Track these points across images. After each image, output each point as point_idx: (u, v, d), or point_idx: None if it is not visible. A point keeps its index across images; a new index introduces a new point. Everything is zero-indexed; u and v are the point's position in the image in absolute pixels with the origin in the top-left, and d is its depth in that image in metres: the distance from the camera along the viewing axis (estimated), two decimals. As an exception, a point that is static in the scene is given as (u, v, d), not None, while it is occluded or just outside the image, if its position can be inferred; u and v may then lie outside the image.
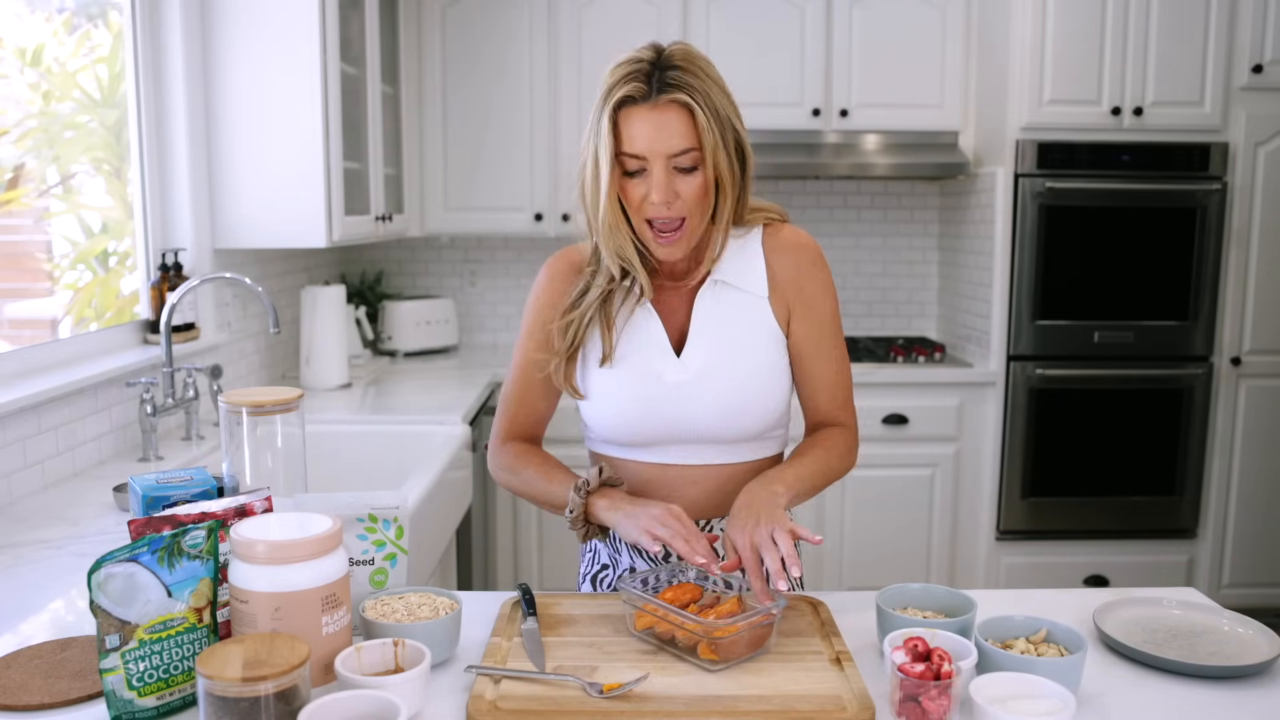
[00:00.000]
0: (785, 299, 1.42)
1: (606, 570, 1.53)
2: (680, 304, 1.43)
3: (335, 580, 1.07)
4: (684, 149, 1.30)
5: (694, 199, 1.32)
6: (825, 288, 1.43)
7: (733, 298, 1.41)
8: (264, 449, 1.44)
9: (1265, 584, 3.52)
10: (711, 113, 1.30)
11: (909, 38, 3.57)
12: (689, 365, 1.39)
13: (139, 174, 2.54)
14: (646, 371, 1.40)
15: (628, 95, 1.29)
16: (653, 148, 1.29)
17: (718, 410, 1.38)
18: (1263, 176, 3.35)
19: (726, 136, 1.33)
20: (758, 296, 1.41)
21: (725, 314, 1.41)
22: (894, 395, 3.42)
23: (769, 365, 1.41)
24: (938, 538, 3.50)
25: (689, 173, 1.32)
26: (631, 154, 1.30)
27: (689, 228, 1.34)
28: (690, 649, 1.16)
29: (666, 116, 1.29)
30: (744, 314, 1.41)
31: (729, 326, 1.40)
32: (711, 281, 1.41)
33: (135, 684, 1.02)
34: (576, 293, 1.43)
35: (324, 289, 3.11)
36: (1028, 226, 3.33)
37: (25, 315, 2.43)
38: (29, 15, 2.32)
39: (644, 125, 1.29)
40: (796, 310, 1.42)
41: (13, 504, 1.87)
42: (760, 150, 3.56)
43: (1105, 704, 1.08)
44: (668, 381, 1.39)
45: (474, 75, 3.61)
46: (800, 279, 1.42)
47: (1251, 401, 3.44)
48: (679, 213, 1.32)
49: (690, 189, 1.32)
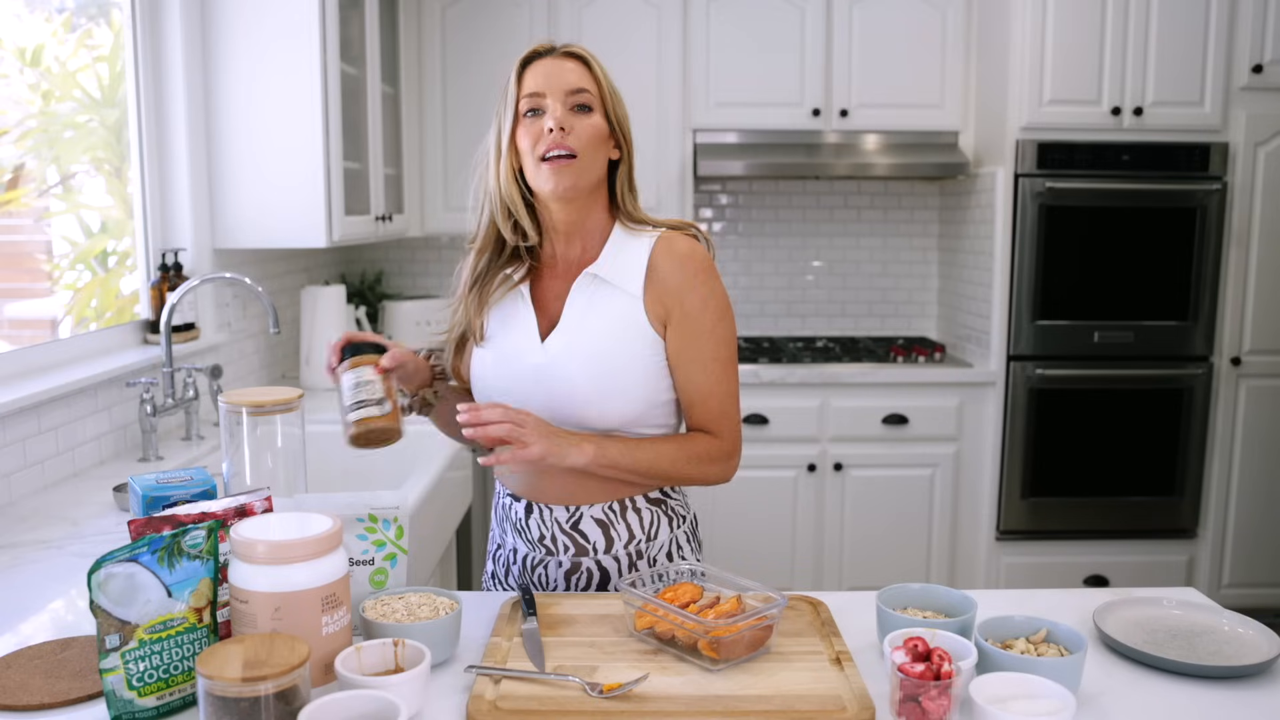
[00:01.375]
0: (663, 304, 1.42)
1: (500, 549, 1.57)
2: (561, 292, 1.47)
3: (335, 580, 1.07)
4: (579, 87, 1.41)
5: (589, 136, 1.40)
6: (706, 300, 1.42)
7: (606, 293, 1.44)
8: (264, 449, 1.44)
9: (1265, 584, 3.52)
10: (604, 75, 1.44)
11: (909, 38, 3.57)
12: (549, 349, 1.43)
13: (139, 174, 2.54)
14: (512, 352, 1.46)
15: (533, 52, 1.44)
16: (550, 83, 1.40)
17: (578, 395, 1.41)
18: (1263, 176, 3.35)
19: (619, 101, 1.45)
20: (631, 295, 1.43)
21: (596, 306, 1.43)
22: (894, 395, 3.42)
23: (631, 358, 1.41)
24: (938, 538, 3.51)
25: (584, 113, 1.40)
26: (531, 93, 1.40)
27: (580, 165, 1.39)
28: (690, 648, 1.16)
29: (564, 62, 1.42)
30: (614, 309, 1.43)
31: (596, 318, 1.43)
32: (587, 275, 1.44)
33: (135, 684, 1.02)
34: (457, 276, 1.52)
35: (324, 289, 3.11)
36: (1028, 226, 3.33)
37: (25, 315, 2.43)
38: (29, 15, 2.32)
39: (543, 68, 1.42)
40: (673, 318, 1.42)
41: (13, 504, 1.87)
42: (760, 150, 3.60)
43: (1105, 704, 1.08)
44: (528, 362, 1.44)
45: (474, 75, 3.61)
46: (681, 289, 1.42)
47: (1251, 401, 3.44)
48: (573, 145, 1.38)
49: (584, 126, 1.40)
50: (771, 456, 3.42)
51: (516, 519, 1.50)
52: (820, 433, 3.43)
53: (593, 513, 1.46)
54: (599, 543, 1.46)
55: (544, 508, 1.47)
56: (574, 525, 1.46)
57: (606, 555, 1.46)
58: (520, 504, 1.50)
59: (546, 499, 1.47)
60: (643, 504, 1.48)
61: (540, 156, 1.38)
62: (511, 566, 1.53)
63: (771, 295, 4.02)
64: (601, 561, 1.46)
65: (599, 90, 1.42)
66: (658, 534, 1.49)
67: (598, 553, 1.46)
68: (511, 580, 1.53)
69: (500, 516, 1.55)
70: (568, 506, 1.46)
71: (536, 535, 1.48)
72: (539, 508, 1.48)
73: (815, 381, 3.39)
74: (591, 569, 1.47)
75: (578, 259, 1.47)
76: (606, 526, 1.46)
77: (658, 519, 1.49)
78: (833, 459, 3.44)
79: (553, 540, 1.47)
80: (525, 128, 1.40)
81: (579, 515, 1.46)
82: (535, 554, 1.49)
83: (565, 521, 1.46)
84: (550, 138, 1.37)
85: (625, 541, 1.46)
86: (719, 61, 3.58)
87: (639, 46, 3.55)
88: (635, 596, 1.22)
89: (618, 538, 1.46)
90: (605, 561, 1.46)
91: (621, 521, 1.46)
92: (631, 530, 1.47)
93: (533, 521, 1.48)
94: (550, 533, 1.47)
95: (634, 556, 1.47)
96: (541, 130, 1.38)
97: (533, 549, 1.49)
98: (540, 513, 1.47)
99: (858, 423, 3.43)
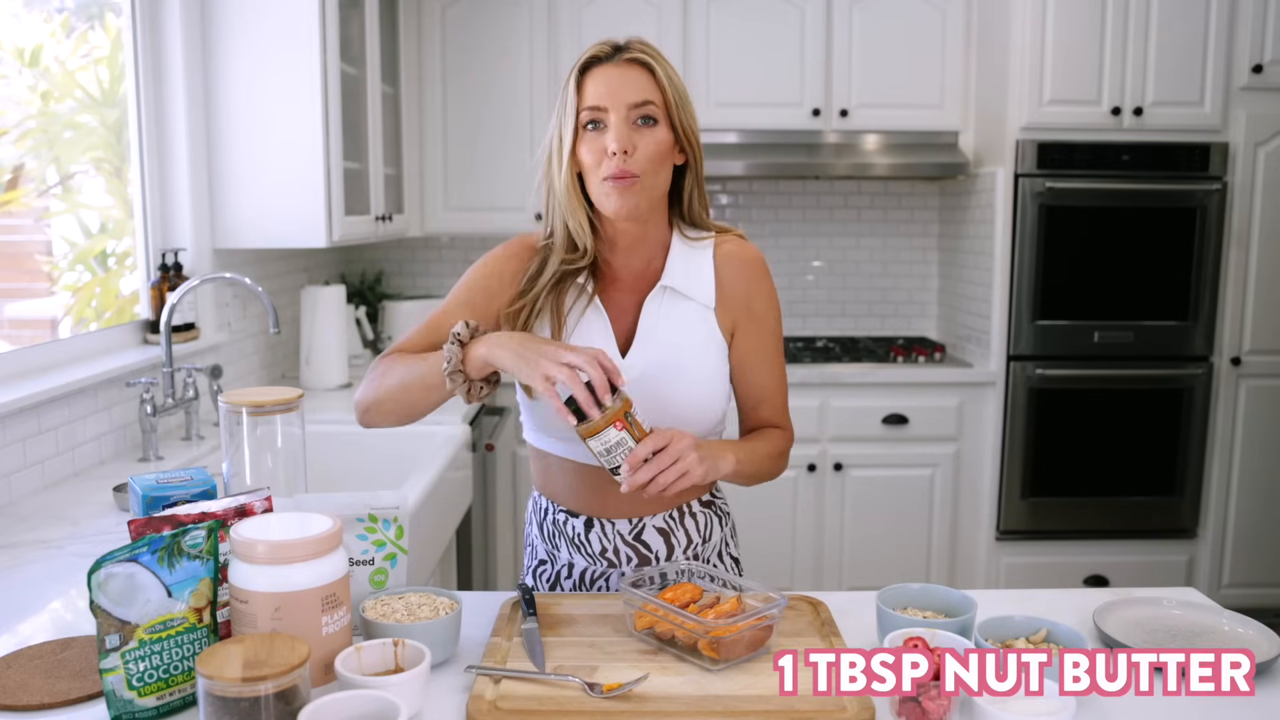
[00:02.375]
0: (731, 311, 1.44)
1: (545, 565, 1.53)
2: (629, 306, 1.44)
3: (335, 580, 1.07)
4: (643, 99, 1.34)
5: (651, 154, 1.34)
6: (771, 302, 1.46)
7: (680, 305, 1.43)
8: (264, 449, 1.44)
9: (1265, 584, 3.52)
10: (670, 80, 1.36)
11: (909, 38, 3.57)
12: (633, 367, 1.40)
13: (139, 174, 2.54)
14: None
15: (593, 56, 1.36)
16: (613, 97, 1.33)
17: (658, 413, 1.37)
18: (1263, 176, 3.35)
19: (686, 105, 1.38)
20: (704, 306, 1.43)
21: (671, 320, 1.42)
22: (894, 395, 3.42)
23: (710, 372, 1.43)
24: (938, 538, 3.51)
25: (648, 126, 1.34)
26: (592, 106, 1.34)
27: (643, 184, 1.35)
28: (690, 648, 1.16)
29: (627, 71, 1.35)
30: (690, 321, 1.42)
31: (674, 332, 1.42)
32: (660, 287, 1.42)
33: (135, 684, 1.02)
34: (528, 277, 1.43)
35: (324, 289, 3.11)
36: (1028, 226, 3.33)
37: (25, 315, 2.43)
38: (27, 15, 2.32)
39: (604, 78, 1.34)
40: (742, 322, 1.44)
41: (13, 504, 1.87)
42: (760, 150, 3.60)
43: (1105, 704, 1.08)
44: None
45: (474, 75, 3.61)
46: (749, 293, 1.44)
47: (1251, 401, 3.44)
48: (635, 167, 1.33)
49: (648, 144, 1.34)
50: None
51: (574, 534, 1.47)
52: (820, 433, 3.43)
53: (655, 523, 1.45)
54: (661, 551, 1.45)
55: (605, 522, 1.45)
56: (636, 536, 1.45)
57: (668, 563, 1.43)
58: (579, 519, 1.46)
59: (608, 513, 1.45)
60: (698, 508, 1.49)
61: (603, 177, 1.34)
62: (564, 582, 1.50)
63: (771, 295, 4.01)
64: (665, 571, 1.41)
65: (664, 99, 1.35)
66: (711, 535, 1.50)
67: (659, 561, 1.45)
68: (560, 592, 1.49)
69: (550, 532, 1.50)
70: (630, 519, 1.45)
71: (598, 549, 1.45)
72: (600, 522, 1.45)
73: (815, 381, 3.40)
74: (655, 577, 1.42)
75: (641, 269, 1.44)
76: (668, 534, 1.46)
77: (710, 520, 1.50)
78: (833, 459, 3.44)
79: (615, 553, 1.45)
80: (587, 142, 1.34)
81: (642, 526, 1.45)
82: (596, 567, 1.47)
83: (628, 534, 1.45)
84: (613, 161, 1.32)
85: (684, 546, 1.47)
86: (719, 61, 3.58)
87: (639, 46, 3.55)
88: (635, 597, 1.22)
89: (678, 544, 1.46)
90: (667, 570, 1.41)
91: (681, 528, 1.46)
92: (689, 535, 1.47)
93: (593, 536, 1.45)
94: (613, 545, 1.45)
95: (692, 560, 1.46)
96: (604, 148, 1.32)
97: (593, 562, 1.46)
98: (601, 527, 1.45)
99: (858, 423, 3.43)
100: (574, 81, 1.35)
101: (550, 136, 1.39)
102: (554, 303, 1.41)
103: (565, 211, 1.38)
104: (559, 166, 1.37)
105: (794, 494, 3.45)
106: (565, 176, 1.36)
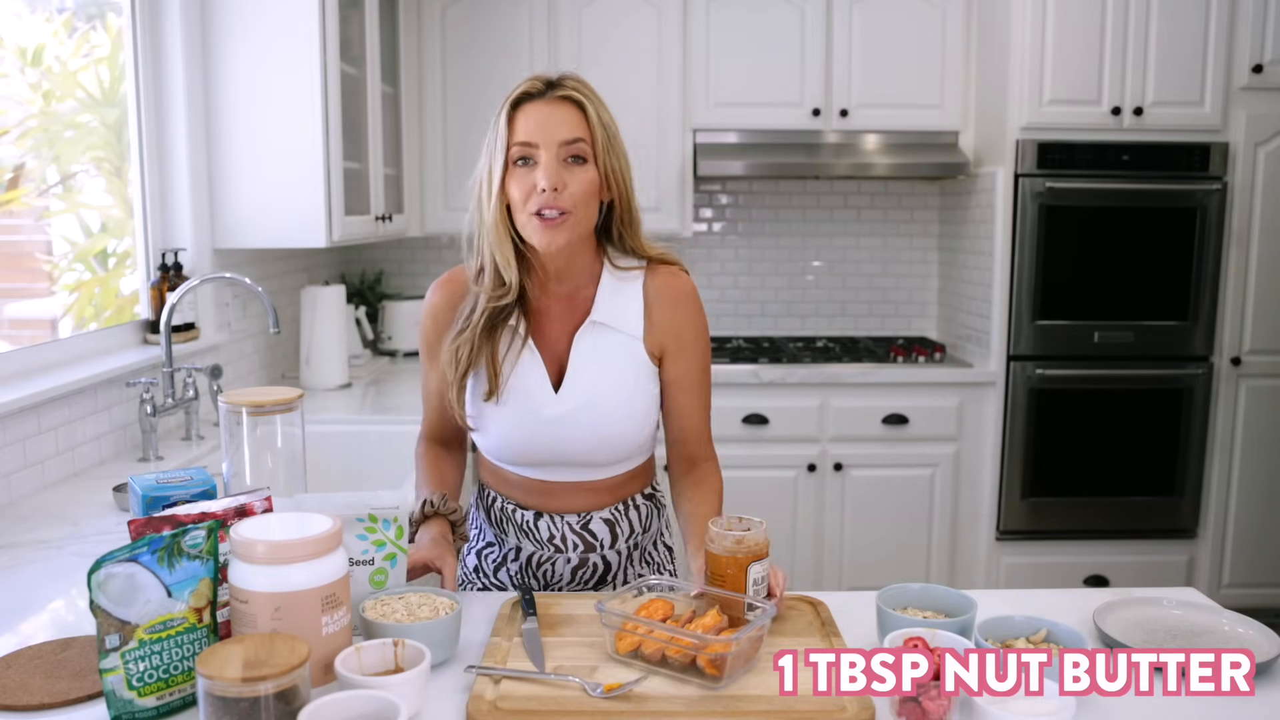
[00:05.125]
0: (658, 338, 1.48)
1: (491, 548, 1.59)
2: (559, 335, 1.47)
3: (335, 580, 1.07)
4: (573, 138, 1.36)
5: (581, 192, 1.36)
6: (700, 332, 1.50)
7: (608, 337, 1.46)
8: (264, 449, 1.44)
9: (1265, 584, 3.52)
10: (600, 120, 1.38)
11: (909, 38, 3.57)
12: (565, 401, 1.45)
13: (139, 174, 2.54)
14: (525, 405, 1.45)
15: (524, 93, 1.38)
16: (544, 134, 1.35)
17: (593, 440, 1.46)
18: (1263, 176, 3.35)
19: (615, 144, 1.39)
20: (633, 337, 1.47)
21: (601, 353, 1.46)
22: (894, 395, 3.42)
23: (639, 397, 1.47)
24: (938, 538, 3.50)
25: (578, 165, 1.37)
26: (522, 142, 1.35)
27: (573, 220, 1.37)
28: (685, 667, 1.12)
29: (558, 109, 1.36)
30: (619, 352, 1.46)
31: (604, 364, 1.46)
32: (590, 323, 1.46)
33: (135, 684, 1.02)
34: (462, 314, 1.45)
35: (324, 289, 3.11)
36: (1028, 226, 3.33)
37: (25, 315, 2.43)
38: (29, 15, 2.32)
39: (536, 115, 1.36)
40: (671, 351, 1.48)
41: (13, 504, 1.87)
42: (760, 150, 3.60)
43: (1105, 704, 1.08)
44: (545, 415, 1.45)
45: (474, 75, 3.61)
46: (677, 324, 1.48)
47: (1251, 401, 3.44)
48: (566, 204, 1.35)
49: (578, 182, 1.36)
50: (771, 456, 3.42)
51: (523, 522, 1.53)
52: (820, 433, 3.43)
53: (602, 514, 1.53)
54: (605, 539, 1.53)
55: (554, 515, 1.52)
56: (584, 526, 1.52)
57: (611, 550, 1.53)
58: (529, 511, 1.53)
59: (557, 510, 1.52)
60: (640, 500, 1.58)
61: (533, 213, 1.35)
62: (510, 564, 1.56)
63: (771, 295, 4.02)
64: (606, 556, 1.53)
65: (593, 139, 1.37)
66: (650, 525, 1.59)
67: (604, 548, 1.53)
68: (504, 575, 1.57)
69: (498, 518, 1.56)
70: (579, 513, 1.52)
71: (546, 536, 1.52)
72: (549, 515, 1.52)
73: (815, 381, 3.39)
74: (597, 563, 1.53)
75: (569, 297, 1.47)
76: (613, 524, 1.54)
77: (651, 512, 1.59)
78: (833, 459, 3.44)
79: (563, 540, 1.52)
80: (516, 178, 1.36)
81: (589, 518, 1.52)
82: (543, 552, 1.53)
83: (576, 524, 1.52)
84: (542, 197, 1.34)
85: (627, 535, 1.54)
86: (719, 61, 3.58)
87: (639, 46, 3.55)
88: (616, 616, 1.16)
89: (621, 533, 1.54)
90: (609, 556, 1.53)
91: (625, 519, 1.54)
92: (632, 525, 1.55)
93: (542, 524, 1.52)
94: (560, 533, 1.52)
95: (632, 549, 1.55)
96: (533, 185, 1.34)
97: (540, 548, 1.53)
98: (550, 519, 1.52)
99: (858, 423, 3.43)
100: (504, 116, 1.37)
101: (480, 170, 1.41)
102: (489, 351, 1.43)
103: (493, 245, 1.40)
104: (488, 200, 1.39)
105: (794, 494, 3.45)
106: (494, 210, 1.38)
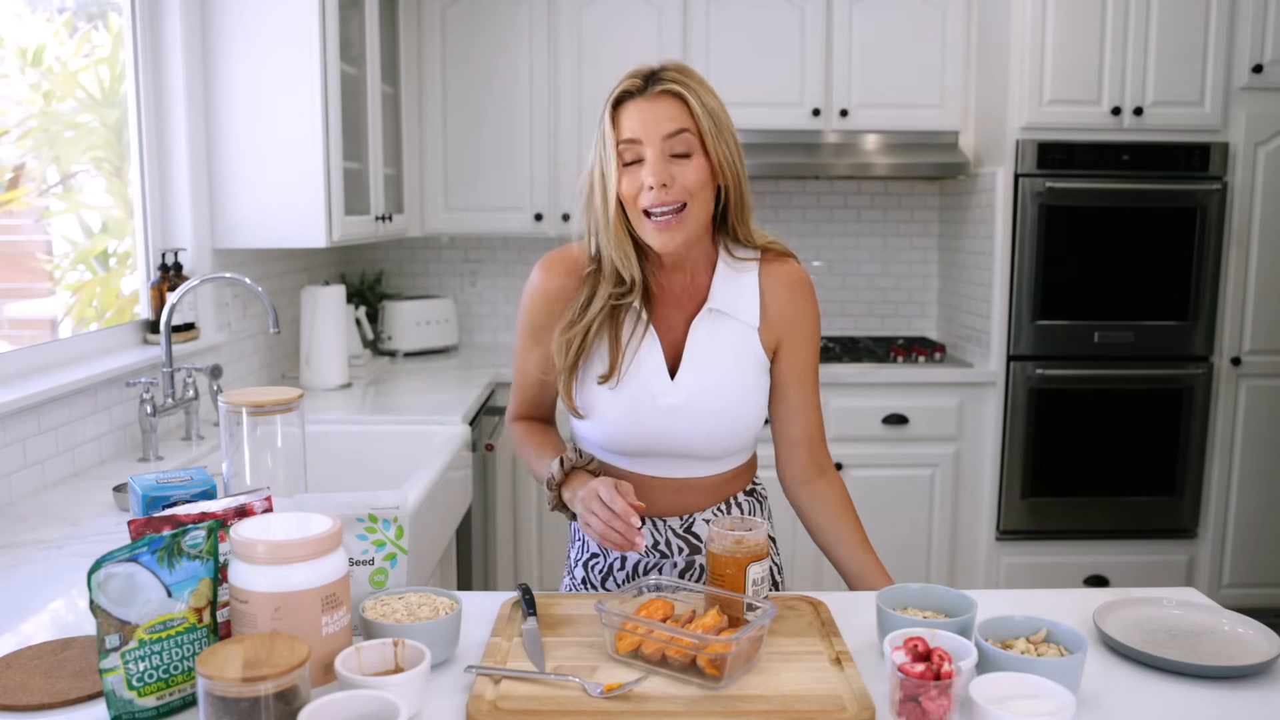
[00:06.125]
0: (776, 330, 1.48)
1: (596, 558, 1.57)
2: (676, 322, 1.46)
3: (335, 580, 1.07)
4: (677, 129, 1.34)
5: (692, 184, 1.35)
6: (817, 324, 1.51)
7: (725, 325, 1.46)
8: (264, 449, 1.44)
9: (1265, 584, 3.52)
10: (704, 107, 1.35)
11: (909, 38, 3.57)
12: (681, 389, 1.43)
13: (139, 174, 2.54)
14: (642, 392, 1.44)
15: (625, 91, 1.36)
16: (646, 130, 1.34)
17: (704, 431, 1.45)
18: (1263, 176, 3.35)
19: (724, 131, 1.37)
20: (749, 326, 1.46)
21: (718, 341, 1.45)
22: (894, 395, 3.42)
23: (753, 389, 1.47)
24: (938, 538, 3.50)
25: (685, 158, 1.35)
26: (627, 139, 1.34)
27: (688, 215, 1.36)
28: (686, 667, 1.12)
29: (658, 103, 1.35)
30: (735, 341, 1.46)
31: (720, 353, 1.45)
32: (707, 309, 1.45)
33: (135, 684, 1.02)
34: (579, 305, 1.45)
35: (324, 289, 3.10)
36: (1028, 226, 3.33)
37: (25, 315, 2.43)
38: (29, 15, 2.32)
39: (638, 112, 1.35)
40: (787, 341, 1.48)
41: (13, 504, 1.87)
42: (760, 150, 3.60)
43: (1105, 704, 1.08)
44: (660, 404, 1.44)
45: (474, 75, 3.61)
46: (795, 314, 1.48)
47: (1251, 401, 3.44)
48: (676, 197, 1.34)
49: (687, 174, 1.35)
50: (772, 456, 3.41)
51: None
52: (820, 433, 3.43)
53: (704, 515, 1.51)
54: None
55: (657, 519, 1.50)
56: (687, 529, 1.51)
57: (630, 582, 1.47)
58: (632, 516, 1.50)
59: (660, 513, 1.50)
60: (742, 497, 1.56)
61: (644, 210, 1.35)
62: (616, 573, 1.55)
63: (771, 295, 4.01)
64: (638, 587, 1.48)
65: (698, 128, 1.35)
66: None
67: None
68: (611, 586, 1.55)
69: None
70: (681, 515, 1.51)
71: (650, 542, 1.51)
72: (652, 519, 1.50)
73: (815, 381, 3.39)
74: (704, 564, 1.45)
75: (686, 284, 1.47)
76: None
77: (754, 507, 1.58)
78: (833, 459, 3.43)
79: (667, 544, 1.51)
80: (626, 177, 1.36)
81: (691, 520, 1.51)
82: (649, 559, 1.51)
83: (679, 527, 1.50)
84: (650, 195, 1.33)
85: None
86: (719, 61, 3.58)
87: (639, 46, 3.55)
88: (616, 616, 1.16)
89: None
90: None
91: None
92: None
93: (645, 530, 1.49)
94: (664, 538, 1.51)
95: None
96: (642, 184, 1.34)
97: (645, 555, 1.51)
98: (653, 522, 1.51)
99: (858, 423, 3.43)
100: (608, 117, 1.36)
101: (591, 167, 1.41)
102: (611, 333, 1.43)
103: (611, 245, 1.40)
104: (603, 201, 1.38)
105: (794, 494, 3.45)
106: (611, 211, 1.38)
